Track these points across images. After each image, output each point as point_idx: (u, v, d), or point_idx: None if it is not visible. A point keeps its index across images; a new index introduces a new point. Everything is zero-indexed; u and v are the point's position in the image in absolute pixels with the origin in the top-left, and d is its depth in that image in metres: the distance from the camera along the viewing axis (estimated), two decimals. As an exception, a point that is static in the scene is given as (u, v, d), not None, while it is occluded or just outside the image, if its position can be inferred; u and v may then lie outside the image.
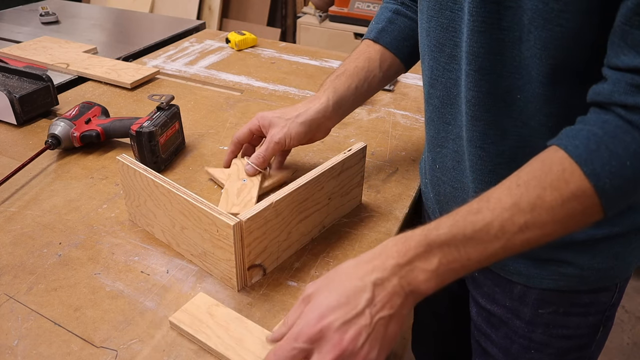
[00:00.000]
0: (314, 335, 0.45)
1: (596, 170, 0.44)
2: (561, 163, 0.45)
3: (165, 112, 0.84)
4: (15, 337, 0.55)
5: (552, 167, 0.45)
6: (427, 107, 0.69)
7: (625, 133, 0.44)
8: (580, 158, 0.44)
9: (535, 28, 0.48)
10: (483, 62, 0.53)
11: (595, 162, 0.44)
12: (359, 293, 0.45)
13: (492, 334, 0.73)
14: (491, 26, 0.51)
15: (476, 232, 0.46)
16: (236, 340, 0.54)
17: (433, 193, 0.73)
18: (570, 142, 0.45)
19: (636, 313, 1.88)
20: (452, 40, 0.58)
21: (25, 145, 0.91)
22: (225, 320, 0.56)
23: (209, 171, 0.81)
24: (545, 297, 0.65)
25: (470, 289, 0.76)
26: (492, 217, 0.45)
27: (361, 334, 0.44)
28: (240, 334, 0.54)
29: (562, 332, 0.67)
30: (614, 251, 0.61)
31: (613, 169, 0.43)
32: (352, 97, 0.75)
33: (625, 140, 0.43)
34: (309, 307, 0.46)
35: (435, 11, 0.59)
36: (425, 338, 1.05)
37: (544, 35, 0.47)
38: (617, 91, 0.44)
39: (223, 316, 0.56)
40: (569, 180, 0.44)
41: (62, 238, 0.69)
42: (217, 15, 3.07)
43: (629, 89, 0.43)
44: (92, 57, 1.25)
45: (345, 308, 0.45)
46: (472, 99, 0.56)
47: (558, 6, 0.45)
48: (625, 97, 0.43)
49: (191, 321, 0.56)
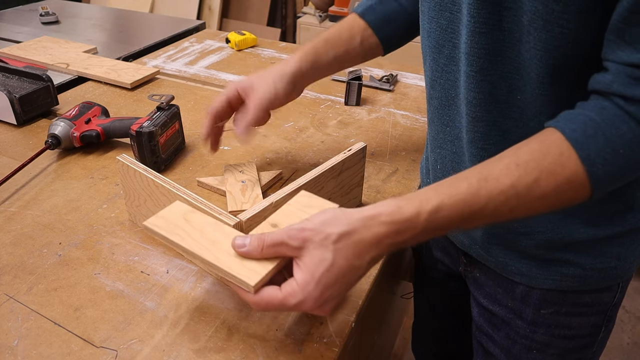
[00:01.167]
0: (310, 308, 0.47)
1: (591, 156, 0.45)
2: (559, 146, 0.46)
3: (165, 112, 0.84)
4: (15, 337, 0.55)
5: (550, 148, 0.46)
6: (428, 107, 0.69)
7: (622, 122, 0.45)
8: (577, 142, 0.45)
9: (535, 29, 0.48)
10: (484, 63, 0.54)
11: (590, 147, 0.45)
12: (354, 270, 0.47)
13: (493, 334, 0.73)
14: (492, 27, 0.51)
15: (472, 214, 0.47)
16: (211, 242, 0.52)
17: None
18: (568, 125, 0.46)
19: (636, 313, 1.88)
20: (450, 41, 0.58)
21: (25, 145, 0.91)
22: (201, 225, 0.54)
23: (202, 181, 0.80)
24: (548, 297, 0.65)
25: (472, 289, 0.76)
26: (488, 200, 0.46)
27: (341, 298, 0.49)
28: (216, 236, 0.52)
29: (564, 332, 0.67)
30: (616, 251, 0.61)
31: (607, 156, 0.45)
32: (329, 64, 0.75)
33: (621, 129, 0.45)
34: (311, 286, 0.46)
35: (435, 12, 0.59)
36: (425, 338, 1.05)
37: (544, 36, 0.47)
38: (617, 82, 0.45)
39: (199, 221, 0.55)
40: (565, 165, 0.45)
41: (62, 238, 0.69)
42: (217, 15, 3.07)
43: (628, 81, 0.44)
44: (92, 57, 1.25)
45: (339, 284, 0.47)
46: (473, 100, 0.57)
47: (558, 7, 0.45)
48: (624, 88, 0.44)
49: (166, 225, 0.54)
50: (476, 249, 0.68)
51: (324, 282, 0.45)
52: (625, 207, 0.59)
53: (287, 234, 0.47)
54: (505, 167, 0.47)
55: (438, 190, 0.47)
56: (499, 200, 0.46)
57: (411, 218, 0.46)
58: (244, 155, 0.89)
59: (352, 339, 0.59)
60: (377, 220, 0.46)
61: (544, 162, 0.46)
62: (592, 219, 0.59)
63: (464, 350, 0.95)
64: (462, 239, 0.70)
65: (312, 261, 0.46)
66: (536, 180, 0.45)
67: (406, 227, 0.46)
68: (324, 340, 0.56)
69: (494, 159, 0.48)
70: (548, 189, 0.46)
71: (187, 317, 0.58)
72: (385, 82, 1.17)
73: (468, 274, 0.76)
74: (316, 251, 0.46)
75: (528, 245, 0.62)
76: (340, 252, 0.45)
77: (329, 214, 0.48)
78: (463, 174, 0.48)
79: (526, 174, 0.46)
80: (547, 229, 0.60)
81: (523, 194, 0.46)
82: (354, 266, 0.46)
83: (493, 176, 0.47)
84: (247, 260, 0.49)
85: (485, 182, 0.46)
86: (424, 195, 0.47)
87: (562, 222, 0.59)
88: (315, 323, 0.58)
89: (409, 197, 0.48)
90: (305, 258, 0.46)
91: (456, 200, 0.46)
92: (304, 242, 0.46)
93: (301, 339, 0.56)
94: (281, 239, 0.48)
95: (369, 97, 1.13)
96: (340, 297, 0.48)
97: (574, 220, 0.59)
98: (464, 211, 0.46)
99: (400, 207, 0.46)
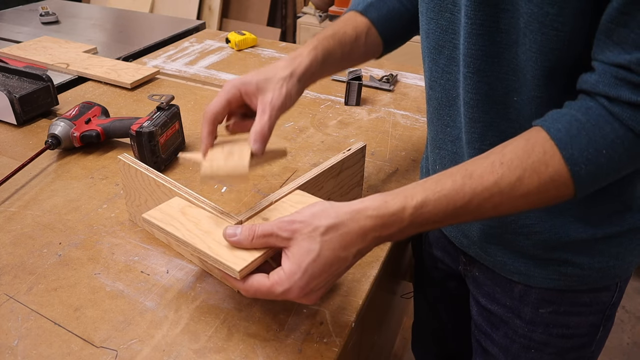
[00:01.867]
0: (296, 296, 0.49)
1: (574, 155, 0.46)
2: (543, 145, 0.47)
3: (165, 112, 0.84)
4: (15, 337, 0.55)
5: (535, 147, 0.47)
6: (427, 108, 0.69)
7: (606, 123, 0.45)
8: (561, 142, 0.46)
9: (530, 31, 0.48)
10: (480, 64, 0.54)
11: (574, 147, 0.46)
12: (340, 262, 0.48)
13: (492, 334, 0.73)
14: (489, 29, 0.51)
15: (456, 210, 0.48)
16: (205, 232, 0.54)
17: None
18: (554, 125, 0.47)
19: (636, 313, 1.88)
20: (451, 42, 0.58)
21: (25, 145, 0.91)
22: (197, 217, 0.56)
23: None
24: (546, 296, 0.65)
25: (471, 288, 0.76)
26: (472, 196, 0.47)
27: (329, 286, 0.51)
28: (210, 227, 0.54)
29: (562, 331, 0.67)
30: (615, 251, 0.61)
31: (590, 156, 0.45)
32: (336, 63, 0.70)
33: (605, 130, 0.45)
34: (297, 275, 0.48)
35: (435, 13, 0.59)
36: (425, 338, 1.05)
37: (540, 38, 0.48)
38: (602, 82, 0.45)
39: (195, 214, 0.57)
40: (549, 164, 0.46)
41: (62, 238, 0.69)
42: (217, 15, 3.07)
43: (613, 82, 0.45)
44: (92, 57, 1.25)
45: (325, 275, 0.48)
46: (471, 101, 0.57)
47: (553, 10, 0.46)
48: (609, 88, 0.45)
49: (162, 217, 0.56)
50: (474, 249, 0.68)
51: (310, 272, 0.47)
52: (624, 207, 0.59)
53: (277, 226, 0.49)
54: (490, 165, 0.48)
55: (424, 186, 0.49)
56: (483, 197, 0.47)
57: (397, 212, 0.48)
58: (244, 155, 0.89)
59: (352, 339, 0.59)
60: (364, 214, 0.48)
61: (528, 160, 0.47)
62: (591, 219, 0.59)
63: (463, 350, 0.95)
64: (460, 239, 0.70)
65: (300, 252, 0.48)
66: (519, 179, 0.46)
67: (392, 221, 0.48)
68: (324, 340, 0.56)
69: (481, 156, 0.50)
70: (531, 187, 0.47)
71: (187, 317, 0.58)
72: (385, 82, 1.17)
73: (467, 273, 0.76)
74: (304, 242, 0.48)
75: (526, 244, 0.62)
76: (327, 243, 0.47)
77: (318, 207, 0.49)
78: (449, 170, 0.50)
79: (510, 172, 0.47)
80: (545, 228, 0.60)
81: (506, 192, 0.47)
82: (340, 257, 0.48)
83: (477, 173, 0.48)
84: (237, 249, 0.51)
85: (470, 179, 0.48)
86: (410, 191, 0.48)
87: (560, 222, 0.59)
88: (315, 323, 0.58)
89: (395, 192, 0.49)
90: (294, 248, 0.48)
91: (440, 196, 0.48)
92: (293, 234, 0.48)
93: (301, 339, 0.56)
94: (271, 230, 0.49)
95: (369, 97, 1.13)
96: (327, 287, 0.50)
97: (572, 220, 0.59)
98: (449, 207, 0.48)
99: (387, 201, 0.48)
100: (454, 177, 0.48)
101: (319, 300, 0.60)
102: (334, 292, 0.62)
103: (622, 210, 0.59)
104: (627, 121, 0.45)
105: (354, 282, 0.64)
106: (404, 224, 0.48)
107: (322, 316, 0.59)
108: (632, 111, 0.44)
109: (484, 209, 0.48)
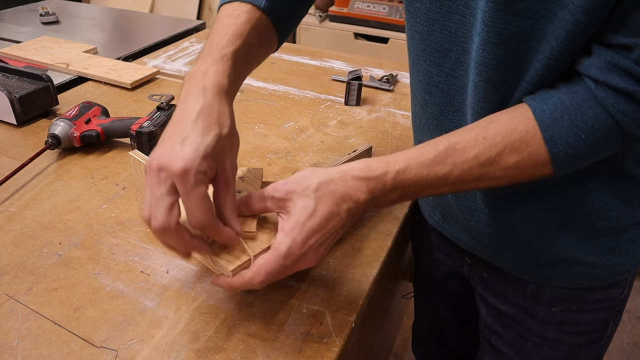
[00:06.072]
0: (299, 255, 0.50)
1: (554, 138, 0.47)
2: (526, 124, 0.48)
3: (165, 112, 0.84)
4: (15, 337, 0.55)
5: (518, 126, 0.49)
6: (422, 113, 0.66)
7: (588, 107, 0.46)
8: (544, 123, 0.48)
9: (555, 39, 0.46)
10: (494, 74, 0.52)
11: (555, 130, 0.47)
12: (335, 217, 0.50)
13: (503, 333, 0.73)
14: (507, 38, 0.49)
15: (437, 179, 0.50)
16: None
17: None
18: (540, 105, 0.49)
19: (636, 313, 1.88)
20: (460, 45, 0.55)
21: (25, 145, 0.91)
22: None
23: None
24: (559, 295, 0.66)
25: (479, 289, 0.76)
26: (453, 167, 0.50)
27: (328, 247, 0.53)
28: None
29: (574, 328, 0.68)
30: (624, 247, 0.62)
31: (569, 139, 0.47)
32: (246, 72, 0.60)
33: (586, 114, 0.46)
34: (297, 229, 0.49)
35: (439, 14, 0.55)
36: (425, 338, 1.05)
37: (565, 47, 0.46)
38: (594, 65, 0.46)
39: None
40: (529, 143, 0.48)
41: (62, 238, 0.69)
42: (217, 15, 3.07)
43: (604, 66, 0.45)
44: (92, 57, 1.25)
45: (324, 231, 0.50)
46: (481, 110, 0.55)
47: (585, 19, 0.44)
48: (598, 72, 0.45)
49: None
50: (483, 250, 0.68)
51: (308, 226, 0.49)
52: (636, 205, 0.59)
53: (272, 188, 0.52)
54: (473, 139, 0.49)
55: (407, 154, 0.51)
56: (463, 169, 0.50)
57: (380, 176, 0.50)
58: (243, 155, 0.89)
59: (352, 339, 0.59)
60: (350, 174, 0.51)
61: (509, 138, 0.49)
62: (601, 216, 0.59)
63: (464, 350, 0.95)
64: (467, 240, 0.70)
65: (296, 208, 0.50)
66: (499, 154, 0.49)
67: (375, 184, 0.50)
68: (324, 340, 0.56)
69: (465, 128, 0.51)
70: (510, 162, 0.49)
71: (187, 317, 0.58)
72: (385, 82, 1.17)
73: (473, 274, 0.76)
74: (299, 200, 0.50)
75: (537, 245, 0.62)
76: (321, 199, 0.50)
77: (308, 170, 0.52)
78: (433, 140, 0.52)
79: (490, 148, 0.49)
80: (555, 227, 0.60)
81: (486, 165, 0.49)
82: (334, 212, 0.50)
83: (460, 145, 0.50)
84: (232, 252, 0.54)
85: (453, 150, 0.50)
86: (393, 157, 0.52)
87: (570, 222, 0.59)
88: (315, 323, 0.58)
89: (380, 158, 0.52)
90: (290, 207, 0.51)
91: (422, 164, 0.50)
92: (287, 194, 0.51)
93: (301, 339, 0.56)
94: (267, 193, 0.52)
95: (369, 97, 1.13)
96: (326, 246, 0.52)
97: (582, 220, 0.59)
98: (429, 175, 0.50)
99: (370, 164, 0.51)
100: (437, 148, 0.50)
101: (319, 301, 0.60)
102: (334, 292, 0.62)
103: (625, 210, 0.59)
104: (609, 107, 0.45)
105: (354, 282, 0.64)
106: (387, 187, 0.51)
107: (322, 316, 0.59)
108: (616, 97, 0.45)
109: (464, 180, 0.50)
